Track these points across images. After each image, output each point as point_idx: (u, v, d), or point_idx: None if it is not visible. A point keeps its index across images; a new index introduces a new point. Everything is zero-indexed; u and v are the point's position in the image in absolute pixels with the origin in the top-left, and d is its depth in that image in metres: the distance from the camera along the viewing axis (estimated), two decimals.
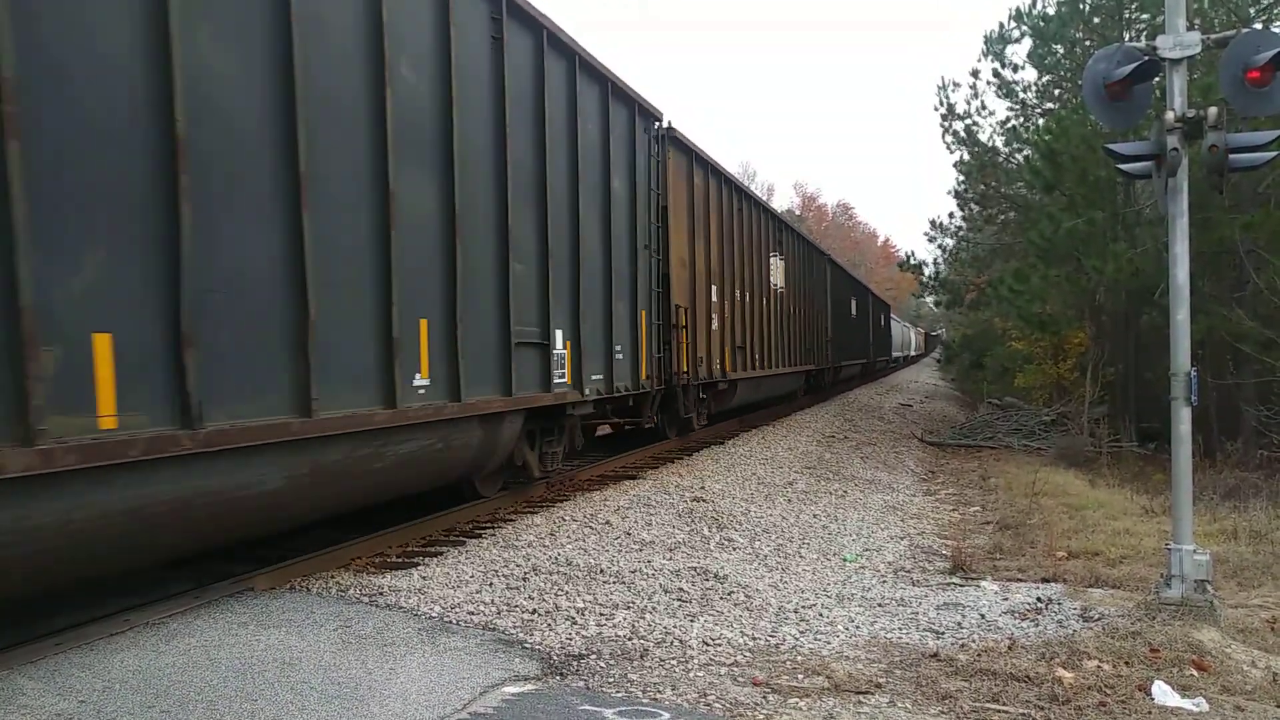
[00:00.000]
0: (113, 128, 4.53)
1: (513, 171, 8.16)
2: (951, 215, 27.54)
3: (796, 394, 24.10)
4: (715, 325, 14.85)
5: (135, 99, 4.64)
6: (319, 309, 5.72)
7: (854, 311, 34.16)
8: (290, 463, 5.70)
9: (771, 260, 19.25)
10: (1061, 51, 21.21)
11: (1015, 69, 23.04)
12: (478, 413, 7.63)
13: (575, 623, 5.64)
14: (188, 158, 4.84)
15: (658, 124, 12.23)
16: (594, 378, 10.05)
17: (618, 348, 10.74)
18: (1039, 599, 6.83)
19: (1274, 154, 6.25)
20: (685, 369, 13.19)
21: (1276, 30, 7.42)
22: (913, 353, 76.31)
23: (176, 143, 4.78)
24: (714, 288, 14.82)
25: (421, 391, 6.85)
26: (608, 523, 8.66)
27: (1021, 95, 23.51)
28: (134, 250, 4.62)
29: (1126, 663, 5.14)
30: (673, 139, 12.86)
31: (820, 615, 6.26)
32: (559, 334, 9.15)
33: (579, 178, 9.57)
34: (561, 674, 4.76)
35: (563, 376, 9.25)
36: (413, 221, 6.74)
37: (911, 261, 28.46)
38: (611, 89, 10.42)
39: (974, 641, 5.71)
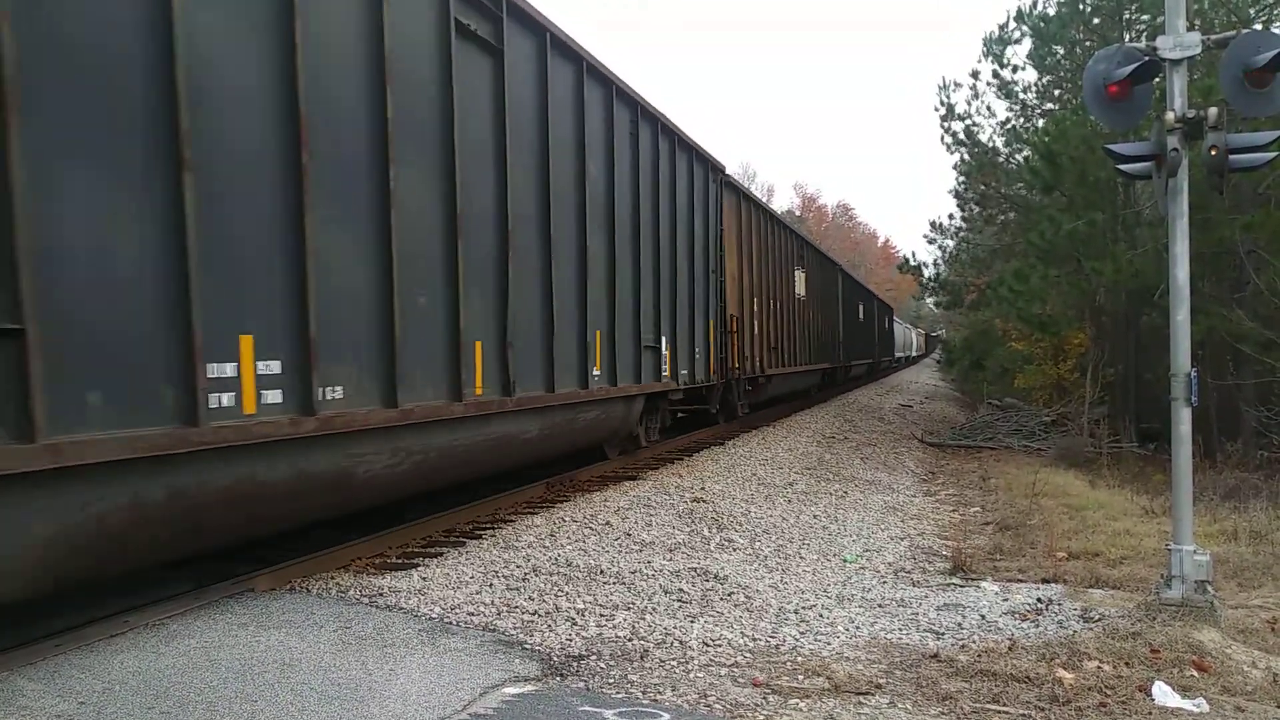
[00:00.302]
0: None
1: (643, 229, 11.58)
2: (951, 216, 27.62)
3: (814, 389, 27.16)
4: (756, 330, 17.65)
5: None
6: (559, 332, 9.22)
7: (861, 315, 36.71)
8: (541, 419, 9.12)
9: (795, 273, 22.22)
10: (1061, 52, 21.23)
11: (1015, 70, 23.10)
12: (623, 394, 10.97)
13: (575, 624, 5.64)
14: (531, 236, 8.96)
15: (720, 174, 15.34)
16: (682, 372, 13.24)
17: (697, 350, 13.95)
18: (1039, 600, 6.84)
19: (1274, 154, 6.26)
20: (737, 365, 16.19)
21: (1277, 31, 7.42)
22: (914, 353, 78.58)
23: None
24: (755, 299, 17.68)
25: (596, 377, 10.16)
26: (608, 523, 8.66)
27: (1021, 96, 23.55)
28: (489, 295, 7.95)
29: (1127, 663, 5.14)
30: (726, 183, 15.91)
31: (820, 616, 6.26)
32: (665, 340, 12.41)
33: (677, 226, 13.00)
34: (562, 675, 4.76)
35: (666, 371, 12.47)
36: (594, 269, 10.16)
37: (911, 263, 28.48)
38: (695, 155, 13.90)
39: (974, 642, 5.71)
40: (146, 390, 4.72)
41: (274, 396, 5.45)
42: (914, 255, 28.65)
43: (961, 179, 25.86)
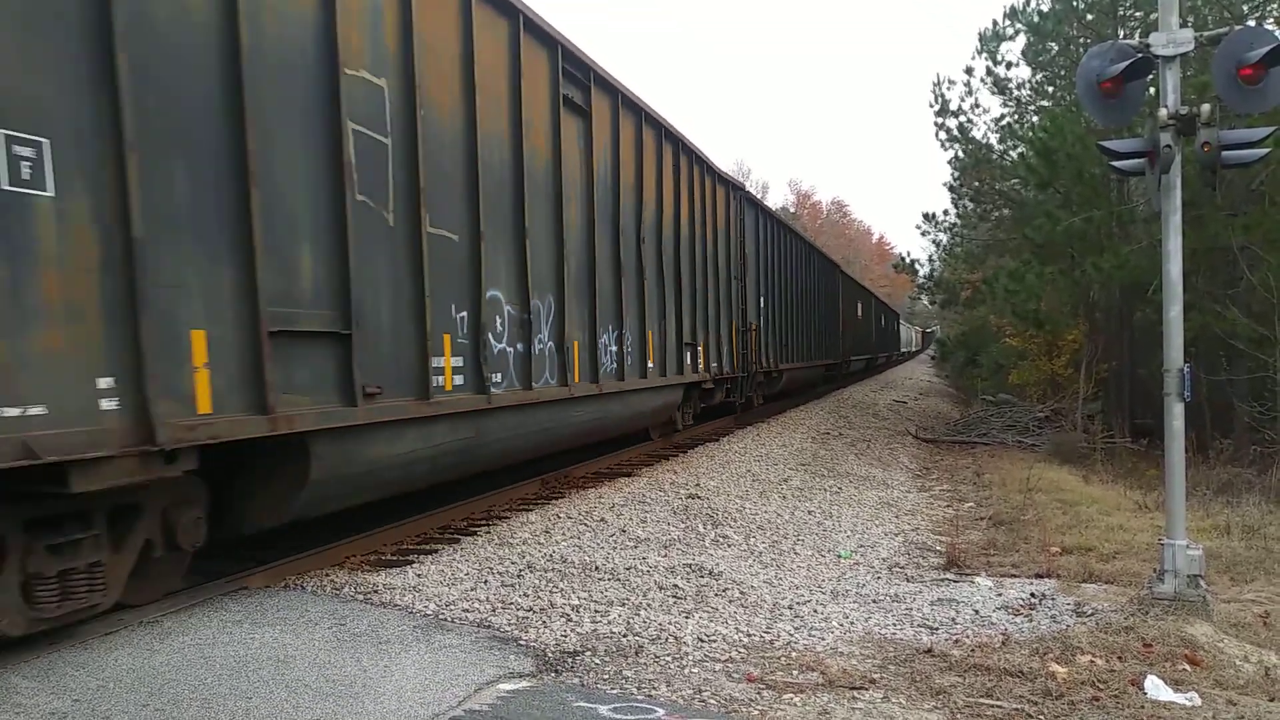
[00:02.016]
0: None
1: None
2: (946, 212, 27.58)
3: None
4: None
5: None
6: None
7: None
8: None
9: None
10: (1056, 49, 21.25)
11: (1009, 66, 23.11)
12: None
13: (570, 620, 5.64)
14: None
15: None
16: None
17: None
18: (1033, 594, 6.85)
19: (1267, 150, 6.28)
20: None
21: (1269, 27, 7.44)
22: (913, 348, 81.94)
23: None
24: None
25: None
26: (602, 520, 8.66)
27: (1016, 92, 23.57)
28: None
29: (1120, 657, 5.16)
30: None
31: (815, 611, 6.27)
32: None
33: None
34: (556, 671, 4.77)
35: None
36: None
37: (906, 261, 28.47)
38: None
39: (968, 637, 5.73)
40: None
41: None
42: (908, 254, 28.63)
43: (956, 174, 25.88)
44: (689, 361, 13.91)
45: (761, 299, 18.86)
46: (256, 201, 5.41)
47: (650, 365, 12.23)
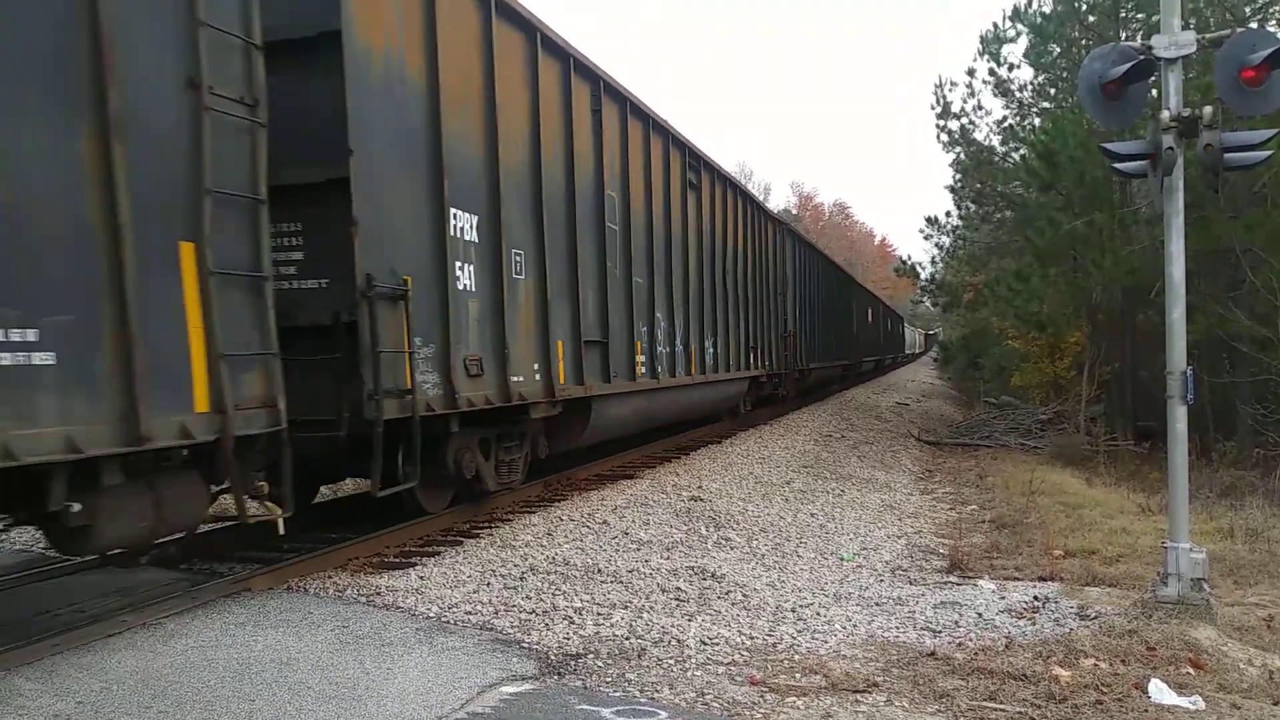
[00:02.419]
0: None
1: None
2: (949, 214, 27.56)
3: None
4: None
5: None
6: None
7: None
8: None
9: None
10: (1058, 50, 21.23)
11: (1011, 68, 23.09)
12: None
13: (573, 622, 5.64)
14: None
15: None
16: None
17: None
18: (1036, 597, 6.84)
19: (1269, 153, 6.28)
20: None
21: (1272, 29, 7.43)
22: (917, 350, 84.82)
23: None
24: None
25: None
26: (605, 522, 8.66)
27: (1018, 94, 23.55)
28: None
29: (1123, 661, 5.16)
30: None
31: (817, 614, 6.26)
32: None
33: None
34: (559, 673, 4.77)
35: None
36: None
37: (908, 264, 28.44)
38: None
39: (971, 640, 5.72)
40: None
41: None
42: (910, 256, 28.67)
43: (958, 176, 25.87)
44: (751, 361, 17.96)
45: (796, 310, 22.51)
46: (580, 280, 10.00)
47: (730, 363, 16.29)
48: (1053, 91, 22.38)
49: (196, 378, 5.04)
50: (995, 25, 22.76)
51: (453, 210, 7.50)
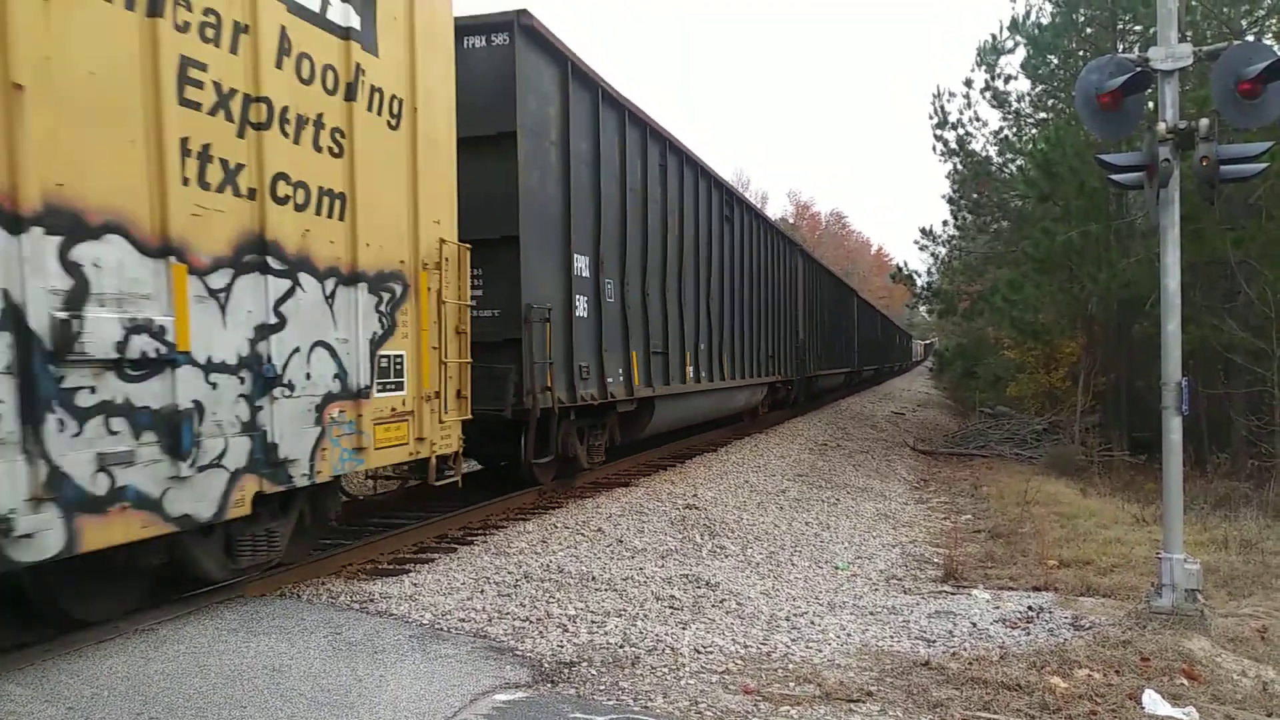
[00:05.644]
0: None
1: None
2: (945, 224, 27.63)
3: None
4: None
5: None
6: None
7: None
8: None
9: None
10: (1055, 62, 21.31)
11: (1008, 79, 23.20)
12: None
13: (567, 630, 5.63)
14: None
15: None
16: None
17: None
18: (1030, 607, 6.84)
19: (1265, 165, 6.30)
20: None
21: (1268, 43, 7.47)
22: (915, 359, 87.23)
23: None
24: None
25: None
26: (600, 530, 8.65)
27: (1015, 105, 23.64)
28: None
29: (1117, 671, 5.15)
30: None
31: (812, 623, 6.25)
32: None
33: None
34: (553, 682, 4.75)
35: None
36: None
37: (904, 272, 28.49)
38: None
39: (965, 650, 5.71)
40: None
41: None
42: (905, 264, 28.69)
43: (955, 187, 25.94)
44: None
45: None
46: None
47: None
48: (1050, 102, 22.47)
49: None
50: (993, 36, 22.91)
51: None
